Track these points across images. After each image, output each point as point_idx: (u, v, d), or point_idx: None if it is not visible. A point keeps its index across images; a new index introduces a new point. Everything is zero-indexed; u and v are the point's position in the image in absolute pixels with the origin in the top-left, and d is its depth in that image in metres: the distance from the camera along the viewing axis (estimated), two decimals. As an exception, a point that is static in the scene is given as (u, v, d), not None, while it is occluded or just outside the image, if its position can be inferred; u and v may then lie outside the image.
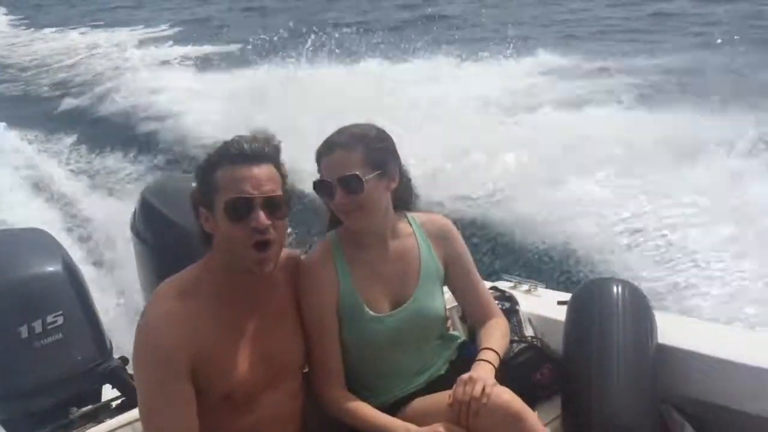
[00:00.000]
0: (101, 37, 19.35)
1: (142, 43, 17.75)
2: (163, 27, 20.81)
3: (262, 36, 12.36)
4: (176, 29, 20.21)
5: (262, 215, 1.82)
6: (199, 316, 1.84)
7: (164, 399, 1.76)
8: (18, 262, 2.75)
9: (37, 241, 2.95)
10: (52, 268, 2.78)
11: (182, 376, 1.78)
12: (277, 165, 1.91)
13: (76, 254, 3.22)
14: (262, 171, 1.85)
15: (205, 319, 1.84)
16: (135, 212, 3.16)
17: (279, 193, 1.87)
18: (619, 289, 2.42)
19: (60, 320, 2.71)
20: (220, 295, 1.89)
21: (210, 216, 1.87)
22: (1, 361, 2.65)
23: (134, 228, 3.16)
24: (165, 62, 15.01)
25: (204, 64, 14.52)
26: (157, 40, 18.18)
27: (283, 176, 1.92)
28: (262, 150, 1.88)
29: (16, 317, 2.65)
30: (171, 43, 17.60)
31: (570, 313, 2.46)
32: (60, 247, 2.93)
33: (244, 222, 1.81)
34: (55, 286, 2.75)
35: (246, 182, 1.82)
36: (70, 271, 2.84)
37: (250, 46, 12.56)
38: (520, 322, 2.56)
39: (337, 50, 11.48)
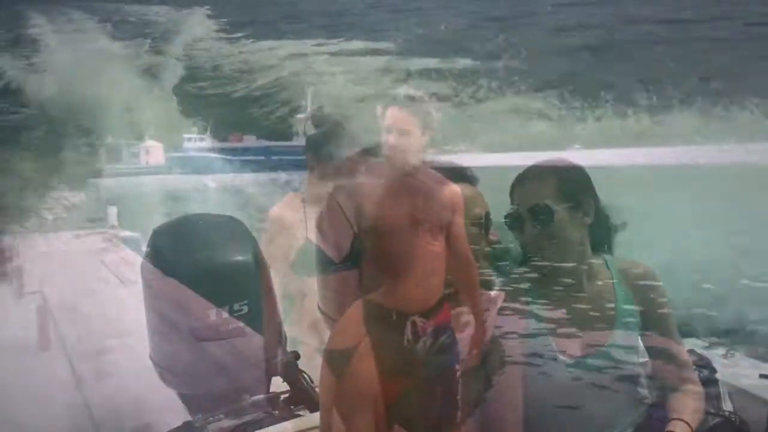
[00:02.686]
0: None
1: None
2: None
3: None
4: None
5: None
6: None
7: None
8: (216, 247, 2.88)
9: (233, 229, 3.07)
10: (244, 257, 2.88)
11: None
12: None
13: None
14: None
15: None
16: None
17: None
18: None
19: (245, 309, 2.81)
20: None
21: None
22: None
23: None
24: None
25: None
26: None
27: None
28: None
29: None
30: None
31: None
32: (252, 238, 3.03)
33: None
34: (246, 276, 2.84)
35: None
36: (259, 262, 2.94)
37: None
38: (718, 394, 2.35)
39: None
